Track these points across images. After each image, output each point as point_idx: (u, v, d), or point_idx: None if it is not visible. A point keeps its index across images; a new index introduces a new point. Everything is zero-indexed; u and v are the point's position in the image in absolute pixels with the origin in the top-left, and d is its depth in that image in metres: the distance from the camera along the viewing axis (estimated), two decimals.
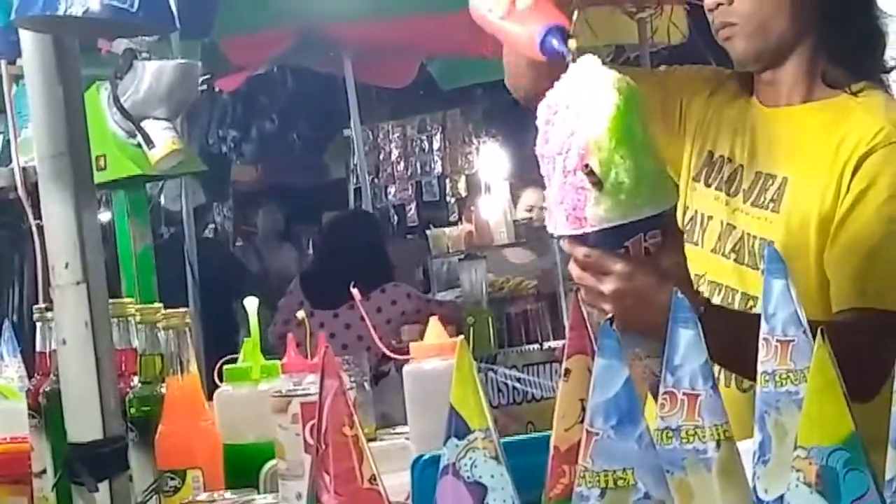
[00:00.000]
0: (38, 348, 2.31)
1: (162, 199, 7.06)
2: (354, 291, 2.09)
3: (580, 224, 1.67)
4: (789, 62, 2.03)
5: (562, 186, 1.67)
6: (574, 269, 1.75)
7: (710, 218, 2.09)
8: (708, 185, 2.11)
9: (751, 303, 1.99)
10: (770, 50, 2.02)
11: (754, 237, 2.02)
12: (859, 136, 1.96)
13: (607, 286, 1.71)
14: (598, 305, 1.74)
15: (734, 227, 2.05)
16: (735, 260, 2.04)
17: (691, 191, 2.13)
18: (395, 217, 10.47)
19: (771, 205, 2.01)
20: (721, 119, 2.12)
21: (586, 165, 1.63)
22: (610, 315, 1.69)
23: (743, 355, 1.37)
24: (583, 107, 1.65)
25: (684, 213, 2.13)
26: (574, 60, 1.69)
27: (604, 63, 1.69)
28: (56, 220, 1.78)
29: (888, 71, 2.07)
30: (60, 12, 1.62)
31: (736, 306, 2.02)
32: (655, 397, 1.25)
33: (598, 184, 1.63)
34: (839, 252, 1.94)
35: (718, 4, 2.01)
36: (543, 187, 1.72)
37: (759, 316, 1.27)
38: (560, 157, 1.66)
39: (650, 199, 1.68)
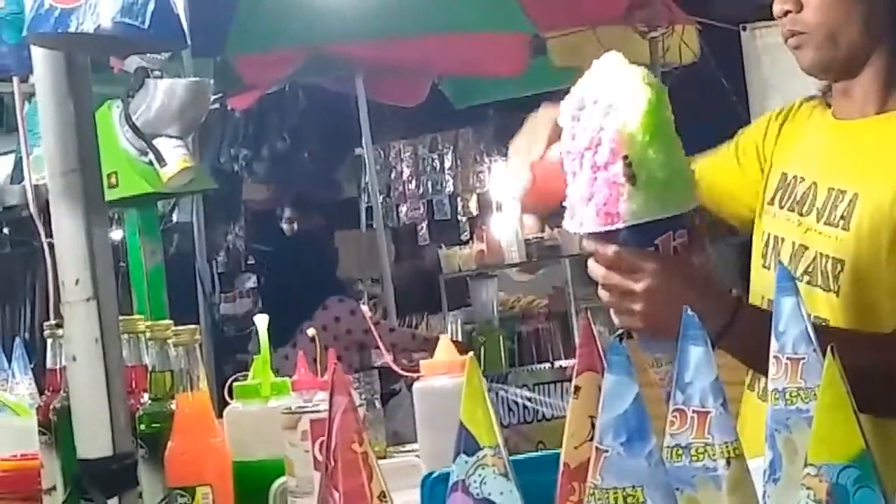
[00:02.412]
0: (48, 365, 2.31)
1: (175, 217, 7.08)
2: (362, 309, 2.09)
3: (611, 220, 1.64)
4: (864, 73, 1.94)
5: (591, 182, 1.65)
6: (597, 269, 1.72)
7: (782, 240, 2.01)
8: (781, 207, 2.03)
9: None
10: (840, 60, 1.93)
11: (826, 257, 1.92)
12: None
13: (640, 284, 1.69)
14: (626, 306, 1.71)
15: (806, 248, 1.96)
16: (808, 283, 1.92)
17: (766, 215, 2.06)
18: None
19: (841, 222, 1.91)
20: (795, 138, 2.06)
21: (625, 157, 1.60)
22: (619, 331, 1.68)
23: None
24: (613, 101, 1.63)
25: (760, 238, 2.07)
26: None
27: None
28: (66, 236, 1.78)
29: None
30: (72, 29, 1.63)
31: None
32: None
33: (631, 178, 1.61)
34: None
35: (787, 12, 1.94)
36: None
37: None
38: (589, 152, 1.64)
39: (681, 196, 1.67)
